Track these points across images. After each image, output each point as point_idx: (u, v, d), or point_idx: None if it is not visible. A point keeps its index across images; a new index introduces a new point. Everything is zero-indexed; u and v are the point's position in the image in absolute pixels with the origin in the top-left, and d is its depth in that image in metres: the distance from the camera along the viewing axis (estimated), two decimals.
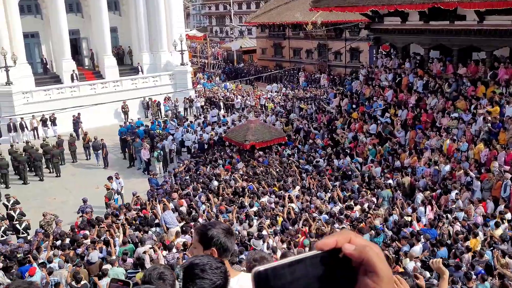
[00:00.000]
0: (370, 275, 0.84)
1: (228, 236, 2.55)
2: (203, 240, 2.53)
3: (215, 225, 2.60)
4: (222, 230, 2.55)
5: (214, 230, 2.53)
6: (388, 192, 15.24)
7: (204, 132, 23.62)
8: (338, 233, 0.90)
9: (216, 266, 2.08)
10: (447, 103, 18.85)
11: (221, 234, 2.53)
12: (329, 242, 0.87)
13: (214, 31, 72.05)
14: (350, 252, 0.86)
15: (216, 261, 2.13)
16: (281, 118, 25.46)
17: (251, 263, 3.55)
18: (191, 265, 2.08)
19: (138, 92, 30.13)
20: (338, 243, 0.87)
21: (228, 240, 2.54)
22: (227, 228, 2.60)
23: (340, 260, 0.87)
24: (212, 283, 2.03)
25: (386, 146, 18.74)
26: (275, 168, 18.36)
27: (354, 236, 0.89)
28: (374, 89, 22.62)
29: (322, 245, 0.87)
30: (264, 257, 3.72)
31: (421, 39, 21.91)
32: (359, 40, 34.89)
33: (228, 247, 2.52)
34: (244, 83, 41.01)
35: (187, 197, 15.53)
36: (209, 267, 2.06)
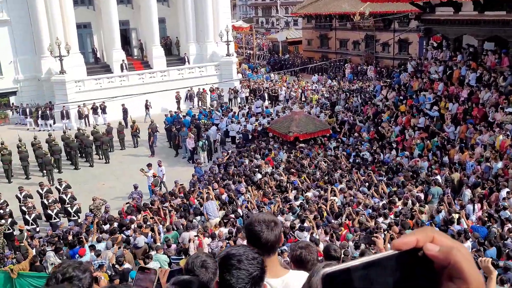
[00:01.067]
0: (457, 281, 0.73)
1: (265, 229, 2.49)
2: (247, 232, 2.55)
3: (255, 217, 2.56)
4: (260, 223, 2.52)
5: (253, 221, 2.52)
6: (438, 189, 14.77)
7: (248, 123, 23.73)
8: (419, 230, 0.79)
9: (253, 256, 2.06)
10: (501, 97, 18.05)
11: (257, 227, 2.51)
12: (408, 240, 0.77)
13: (260, 22, 71.97)
14: (433, 254, 0.75)
15: (253, 252, 2.11)
16: (325, 110, 25.19)
17: (296, 250, 3.53)
18: (228, 256, 2.08)
19: (185, 82, 30.62)
20: (419, 242, 0.76)
21: (266, 233, 2.48)
22: (268, 221, 2.53)
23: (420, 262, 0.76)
24: (248, 274, 2.00)
25: (434, 140, 18.18)
26: (324, 161, 18.15)
27: (439, 235, 0.78)
28: (423, 81, 21.96)
29: (400, 244, 0.77)
30: (309, 244, 3.69)
31: (475, 30, 21.02)
32: (408, 31, 33.87)
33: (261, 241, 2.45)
34: (289, 74, 40.83)
35: (227, 187, 15.67)
36: (246, 257, 2.04)
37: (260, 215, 2.60)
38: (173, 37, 35.91)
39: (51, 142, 21.57)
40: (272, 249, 2.58)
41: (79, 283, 2.33)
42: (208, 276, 2.59)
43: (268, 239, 2.53)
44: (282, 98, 31.90)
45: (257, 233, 2.51)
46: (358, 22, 36.99)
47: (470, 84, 19.85)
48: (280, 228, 2.58)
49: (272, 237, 2.54)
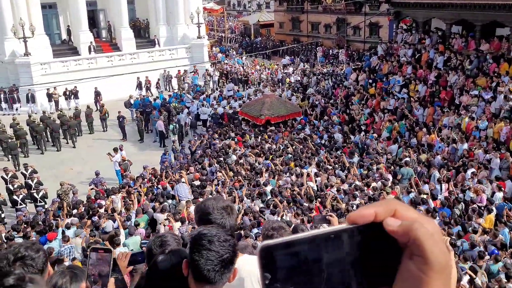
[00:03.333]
0: (417, 260, 0.64)
1: (226, 215, 2.48)
2: (202, 221, 2.48)
3: (212, 205, 2.51)
4: (220, 210, 2.49)
5: (211, 209, 2.47)
6: (409, 170, 15.02)
7: (219, 106, 23.57)
8: (380, 202, 0.69)
9: (225, 238, 2.01)
10: (467, 80, 18.43)
11: (218, 214, 2.47)
12: (365, 213, 0.67)
13: (231, 4, 71.12)
14: (392, 229, 0.66)
15: (226, 233, 2.06)
16: (297, 93, 25.22)
17: (268, 231, 3.49)
18: (199, 235, 2.03)
19: (155, 65, 30.05)
20: (377, 215, 0.67)
21: (227, 219, 2.48)
22: (225, 207, 2.51)
23: (378, 237, 0.67)
24: (218, 255, 1.96)
25: (402, 123, 18.47)
26: (291, 144, 18.21)
27: (402, 208, 0.68)
28: (392, 65, 22.21)
29: (356, 217, 0.68)
30: (282, 226, 3.65)
31: (443, 14, 21.33)
32: (379, 15, 34.06)
33: (226, 227, 2.41)
34: (261, 57, 40.62)
35: (201, 171, 15.58)
36: (217, 239, 1.99)
37: (214, 202, 2.54)
38: (142, 19, 35.13)
39: (16, 126, 20.92)
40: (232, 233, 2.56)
41: (32, 263, 2.22)
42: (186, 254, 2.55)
43: (231, 224, 2.50)
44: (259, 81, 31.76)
45: (221, 221, 2.47)
46: (329, 5, 36.99)
47: (438, 67, 20.18)
48: (236, 210, 2.56)
49: (233, 222, 2.52)
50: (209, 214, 2.47)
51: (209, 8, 49.72)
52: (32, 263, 2.23)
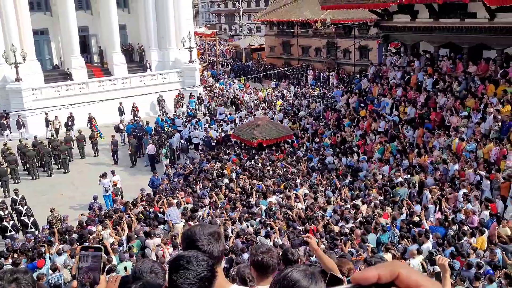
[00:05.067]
0: None
1: (214, 241, 2.45)
2: (189, 248, 2.47)
3: (199, 231, 2.49)
4: (207, 236, 2.47)
5: (198, 236, 2.46)
6: (405, 190, 15.09)
7: (211, 129, 23.62)
8: (384, 264, 0.70)
9: (203, 259, 2.05)
10: (456, 102, 18.66)
11: (205, 241, 2.45)
12: (369, 276, 0.69)
13: (223, 29, 72.07)
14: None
15: (204, 255, 2.11)
16: (289, 116, 25.35)
17: (257, 255, 3.47)
18: (177, 257, 2.09)
19: (147, 89, 30.18)
20: (381, 278, 0.68)
21: (215, 245, 2.47)
22: (213, 233, 2.50)
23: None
24: (196, 274, 1.99)
25: (393, 144, 18.59)
26: (284, 166, 18.23)
27: (406, 271, 0.69)
28: (382, 87, 22.47)
29: (360, 279, 0.69)
30: (271, 249, 3.64)
31: (431, 37, 21.70)
32: (368, 38, 34.65)
33: (214, 254, 2.41)
34: (252, 81, 40.95)
35: (192, 194, 15.52)
36: (195, 259, 2.03)
37: (201, 228, 2.53)
38: (134, 43, 35.42)
39: (6, 151, 20.78)
40: (221, 259, 2.55)
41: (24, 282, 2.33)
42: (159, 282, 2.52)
43: (219, 250, 2.49)
44: (245, 104, 31.94)
45: (208, 248, 2.45)
46: (319, 29, 37.52)
47: (427, 89, 20.44)
48: (223, 235, 2.55)
49: (222, 247, 2.50)
50: (196, 241, 2.45)
51: (201, 32, 50.29)
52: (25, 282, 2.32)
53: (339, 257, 7.34)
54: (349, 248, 11.19)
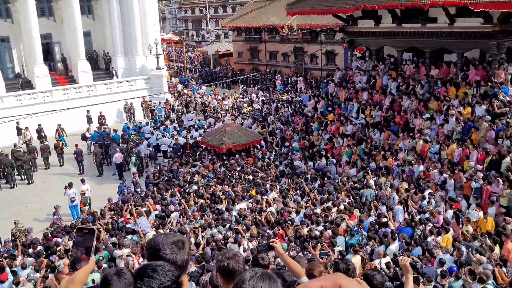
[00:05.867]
0: None
1: (177, 250, 2.42)
2: (152, 258, 2.44)
3: (162, 240, 2.45)
4: (170, 245, 2.45)
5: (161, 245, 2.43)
6: (371, 191, 15.34)
7: (180, 136, 23.44)
8: (327, 277, 0.75)
9: (169, 269, 2.05)
10: (420, 104, 19.14)
11: (168, 250, 2.43)
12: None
13: (190, 35, 71.76)
14: None
15: (171, 266, 2.10)
16: (258, 121, 25.42)
17: (223, 261, 3.44)
18: (144, 266, 2.09)
19: (113, 97, 29.71)
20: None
21: (178, 254, 2.44)
22: (176, 241, 2.46)
23: None
24: (161, 283, 1.98)
25: (360, 147, 18.89)
26: (253, 171, 18.27)
27: (347, 282, 0.73)
28: (349, 91, 22.82)
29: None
30: (237, 254, 3.62)
31: (394, 42, 22.21)
32: (334, 43, 35.19)
33: (177, 263, 2.38)
34: (221, 86, 40.91)
35: (161, 202, 15.35)
36: (161, 268, 2.03)
37: (164, 237, 2.50)
38: (99, 50, 34.82)
39: None
40: (185, 268, 2.52)
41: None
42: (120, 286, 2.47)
43: (183, 259, 2.46)
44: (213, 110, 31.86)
45: (172, 257, 2.43)
46: (286, 35, 37.85)
47: (391, 92, 20.89)
48: (188, 244, 2.52)
49: (186, 256, 2.47)
50: (159, 250, 2.42)
51: (168, 39, 49.98)
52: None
53: (308, 260, 7.37)
54: (321, 250, 11.30)
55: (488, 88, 17.78)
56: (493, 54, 18.19)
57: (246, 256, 10.98)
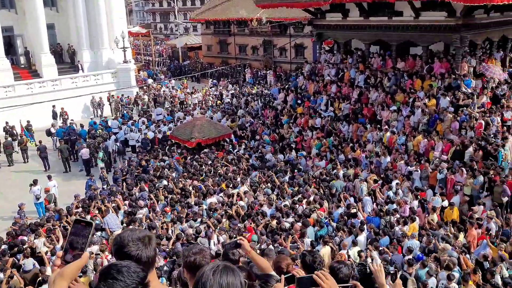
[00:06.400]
0: None
1: (142, 246, 2.34)
2: (118, 254, 2.37)
3: (128, 236, 2.38)
4: (136, 242, 2.38)
5: (126, 241, 2.36)
6: (341, 182, 15.52)
7: (149, 130, 23.12)
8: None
9: (134, 270, 1.99)
10: (387, 97, 19.45)
11: (134, 246, 2.36)
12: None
13: (158, 28, 70.77)
14: None
15: (137, 266, 2.04)
16: (228, 114, 25.31)
17: (190, 257, 3.40)
18: (109, 266, 2.01)
19: (79, 91, 28.99)
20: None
21: (143, 251, 2.36)
22: (142, 237, 2.38)
23: None
24: (125, 285, 1.92)
25: (330, 140, 19.08)
26: (224, 165, 18.21)
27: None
28: (318, 84, 22.98)
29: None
30: (203, 249, 3.59)
31: (362, 35, 22.45)
32: (303, 36, 35.34)
33: (142, 260, 2.31)
34: (190, 80, 40.56)
35: (130, 198, 15.12)
36: (126, 270, 1.96)
37: (130, 233, 2.43)
38: (64, 44, 33.90)
39: None
40: (152, 264, 2.45)
41: None
42: None
43: (148, 255, 2.39)
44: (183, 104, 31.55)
45: (136, 253, 2.36)
46: (255, 28, 37.77)
47: (359, 85, 21.14)
48: (155, 240, 2.45)
49: (152, 253, 2.40)
50: (124, 247, 2.35)
51: (135, 32, 49.11)
52: None
53: (278, 253, 7.41)
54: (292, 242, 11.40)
55: (452, 80, 18.22)
56: (457, 47, 18.64)
57: (216, 250, 10.97)
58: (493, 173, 13.89)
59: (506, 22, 20.05)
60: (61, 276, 1.96)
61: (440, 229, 12.11)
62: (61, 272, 1.98)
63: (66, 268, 2.01)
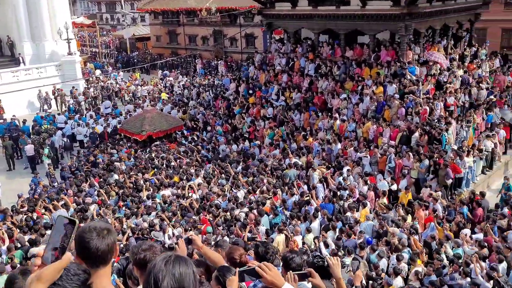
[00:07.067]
0: None
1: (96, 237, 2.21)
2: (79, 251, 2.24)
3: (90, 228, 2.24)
4: (97, 233, 2.26)
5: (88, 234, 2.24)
6: (294, 171, 15.66)
7: (97, 124, 22.42)
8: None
9: (75, 273, 1.92)
10: (336, 85, 19.78)
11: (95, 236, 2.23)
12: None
13: (104, 19, 68.57)
14: None
15: (79, 268, 1.96)
16: (179, 106, 24.95)
17: (139, 254, 3.30)
18: None
19: (21, 85, 27.65)
20: None
21: (100, 243, 2.20)
22: (100, 229, 2.25)
23: None
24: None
25: (282, 129, 19.22)
26: (176, 158, 17.97)
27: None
28: (269, 74, 23.03)
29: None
30: (153, 245, 3.51)
31: (311, 24, 22.64)
32: (253, 26, 35.27)
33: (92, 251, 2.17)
34: (140, 72, 39.66)
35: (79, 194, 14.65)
36: (65, 273, 1.89)
37: (92, 223, 2.32)
38: (3, 35, 32.15)
39: None
40: (103, 260, 2.29)
41: None
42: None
43: (98, 247, 2.24)
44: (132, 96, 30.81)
45: (86, 241, 2.22)
46: (205, 18, 37.35)
47: (309, 74, 21.37)
48: (114, 237, 2.31)
49: (103, 246, 2.25)
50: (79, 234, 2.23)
51: (79, 22, 47.39)
52: None
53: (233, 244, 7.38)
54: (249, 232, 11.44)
55: (398, 68, 18.76)
56: (402, 35, 19.17)
57: (169, 245, 10.83)
58: (437, 157, 14.47)
59: (447, 11, 20.83)
60: (39, 279, 1.82)
61: (390, 212, 12.50)
62: (39, 274, 1.84)
63: (44, 270, 1.86)
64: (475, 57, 21.77)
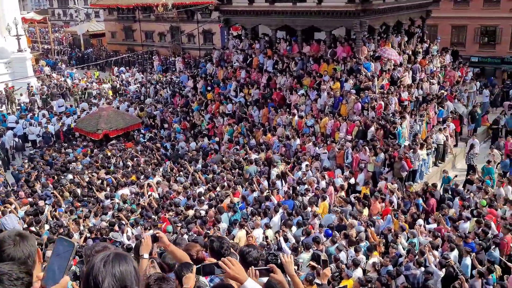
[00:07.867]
0: None
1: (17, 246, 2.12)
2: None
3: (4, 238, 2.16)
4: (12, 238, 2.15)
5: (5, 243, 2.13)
6: (254, 167, 15.67)
7: (50, 123, 21.65)
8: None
9: (17, 276, 1.83)
10: (294, 81, 19.94)
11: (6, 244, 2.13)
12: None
13: (56, 14, 66.27)
14: None
15: (21, 271, 1.86)
16: (136, 104, 24.46)
17: (92, 255, 3.21)
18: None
19: None
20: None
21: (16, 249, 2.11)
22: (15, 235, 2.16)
23: None
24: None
25: (241, 125, 19.20)
26: (133, 157, 17.63)
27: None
28: (227, 70, 22.95)
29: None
30: (107, 246, 3.43)
31: (268, 20, 22.69)
32: (210, 22, 35.04)
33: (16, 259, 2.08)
34: (96, 69, 38.63)
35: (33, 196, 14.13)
36: (8, 277, 1.80)
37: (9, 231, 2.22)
38: None
39: None
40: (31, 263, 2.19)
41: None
42: None
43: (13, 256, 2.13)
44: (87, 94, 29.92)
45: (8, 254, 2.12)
46: (162, 14, 36.75)
47: (267, 70, 21.44)
48: (33, 241, 2.20)
49: (19, 254, 2.14)
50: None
51: (30, 18, 45.56)
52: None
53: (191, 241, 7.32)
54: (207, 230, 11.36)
55: (353, 64, 19.11)
56: (357, 32, 19.53)
57: (127, 245, 10.63)
58: (392, 150, 14.85)
59: (400, 8, 21.39)
60: None
61: (348, 205, 12.73)
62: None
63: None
64: (427, 53, 22.47)
